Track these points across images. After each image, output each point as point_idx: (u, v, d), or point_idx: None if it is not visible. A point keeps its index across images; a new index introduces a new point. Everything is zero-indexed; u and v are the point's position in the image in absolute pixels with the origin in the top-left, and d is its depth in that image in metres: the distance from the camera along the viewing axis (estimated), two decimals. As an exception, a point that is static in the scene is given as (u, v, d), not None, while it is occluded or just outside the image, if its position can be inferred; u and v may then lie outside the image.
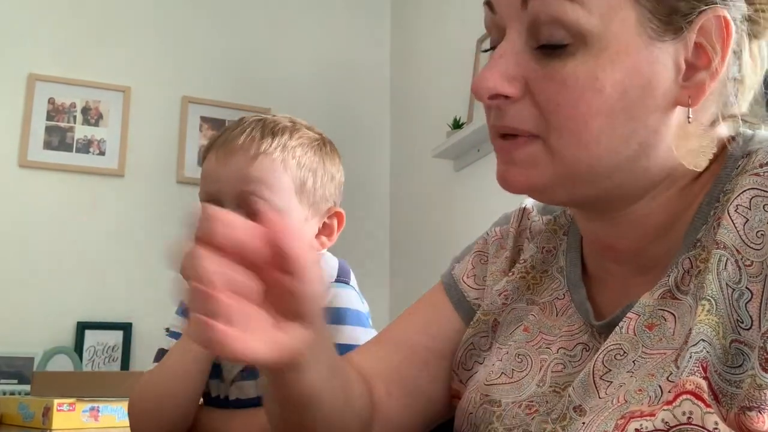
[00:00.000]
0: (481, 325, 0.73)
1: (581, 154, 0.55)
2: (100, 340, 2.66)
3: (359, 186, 3.17)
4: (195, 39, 3.00)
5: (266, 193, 0.93)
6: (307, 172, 0.96)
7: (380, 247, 3.15)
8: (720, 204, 0.56)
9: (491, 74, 0.56)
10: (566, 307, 0.67)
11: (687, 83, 0.55)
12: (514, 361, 0.67)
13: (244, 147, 0.93)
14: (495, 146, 0.61)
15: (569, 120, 0.55)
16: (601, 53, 0.53)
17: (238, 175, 0.92)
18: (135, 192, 2.78)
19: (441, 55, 2.87)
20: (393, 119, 3.28)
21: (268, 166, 0.93)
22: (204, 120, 2.96)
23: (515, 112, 0.57)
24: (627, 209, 0.59)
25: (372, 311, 0.99)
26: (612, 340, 0.57)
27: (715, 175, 0.58)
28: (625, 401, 0.51)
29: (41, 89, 2.75)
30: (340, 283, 0.95)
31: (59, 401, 1.45)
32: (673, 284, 0.56)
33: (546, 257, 0.72)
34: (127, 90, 2.86)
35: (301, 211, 0.96)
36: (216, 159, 0.94)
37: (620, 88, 0.53)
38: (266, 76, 3.09)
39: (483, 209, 2.45)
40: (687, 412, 0.46)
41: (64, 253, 2.67)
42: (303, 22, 3.20)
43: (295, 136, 0.97)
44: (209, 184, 0.95)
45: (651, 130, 0.55)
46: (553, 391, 0.61)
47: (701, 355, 0.48)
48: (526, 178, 0.58)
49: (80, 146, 2.78)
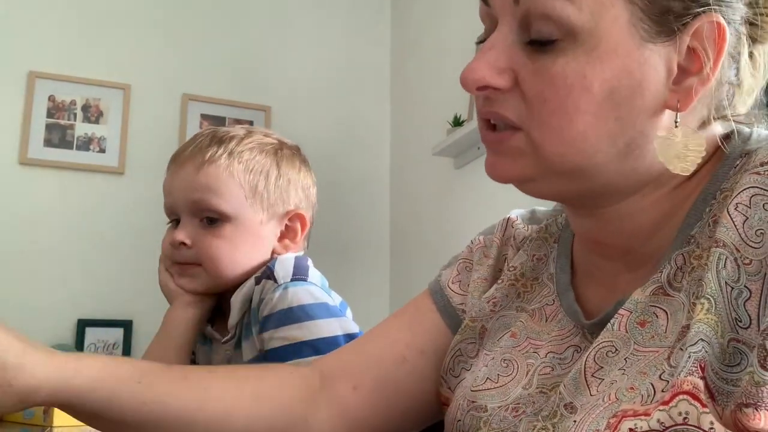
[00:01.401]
0: (469, 332, 0.73)
1: (564, 150, 0.55)
2: (100, 338, 2.66)
3: (359, 183, 3.17)
4: (195, 37, 3.00)
5: (214, 199, 0.94)
6: (257, 176, 0.98)
7: (380, 245, 3.15)
8: (717, 202, 0.56)
9: (480, 65, 0.57)
10: (555, 313, 0.66)
11: (677, 87, 0.55)
12: (500, 366, 0.67)
13: (191, 157, 0.97)
14: (483, 137, 0.61)
15: (554, 116, 0.55)
16: (591, 51, 0.53)
17: (186, 184, 0.96)
18: (135, 189, 2.78)
19: (441, 53, 2.87)
20: (393, 117, 3.28)
21: (213, 172, 0.96)
22: (204, 118, 2.96)
23: (502, 101, 0.58)
24: (616, 206, 0.59)
25: (372, 309, 1.00)
26: (603, 337, 0.57)
27: (711, 173, 0.58)
28: (617, 399, 0.51)
29: (41, 87, 2.75)
30: (297, 281, 0.95)
31: (60, 399, 1.45)
32: (665, 281, 0.56)
33: (536, 265, 0.72)
34: (128, 88, 2.86)
35: (255, 215, 0.98)
36: (170, 172, 0.99)
37: (608, 87, 0.53)
38: (266, 74, 3.09)
39: (483, 207, 2.45)
40: (683, 412, 0.46)
41: (65, 250, 2.67)
42: (303, 20, 3.20)
43: (244, 142, 0.99)
44: (167, 197, 1.00)
45: (638, 131, 0.55)
46: (540, 392, 0.61)
47: (699, 355, 0.48)
48: (510, 167, 0.59)
49: (80, 144, 2.78)
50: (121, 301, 2.70)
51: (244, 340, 0.97)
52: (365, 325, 0.99)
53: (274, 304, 0.92)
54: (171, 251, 0.98)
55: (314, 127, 3.07)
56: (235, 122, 2.96)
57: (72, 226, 2.70)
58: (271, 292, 0.93)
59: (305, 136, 3.03)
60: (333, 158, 3.08)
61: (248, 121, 3.00)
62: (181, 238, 0.95)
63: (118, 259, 2.72)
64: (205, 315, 1.00)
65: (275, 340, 0.90)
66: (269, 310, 0.92)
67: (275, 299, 0.92)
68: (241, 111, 3.00)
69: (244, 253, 0.97)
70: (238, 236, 0.96)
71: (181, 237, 0.95)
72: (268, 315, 0.92)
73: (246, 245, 0.97)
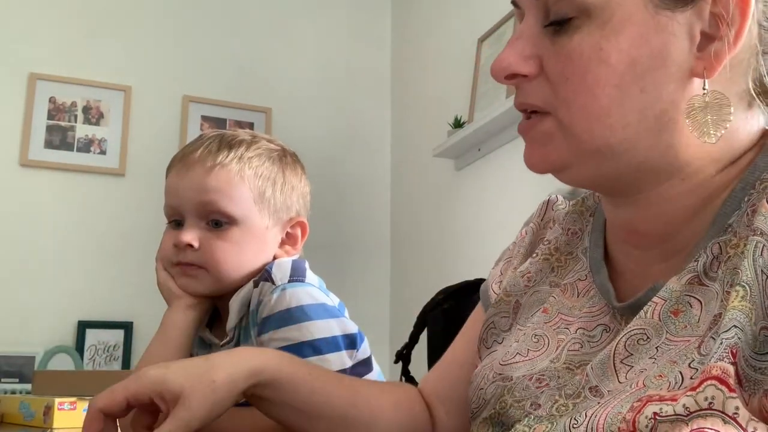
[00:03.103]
0: (503, 305, 0.74)
1: (591, 126, 0.55)
2: (101, 339, 2.66)
3: (360, 185, 3.17)
4: (196, 38, 3.00)
5: (224, 202, 0.95)
6: (265, 182, 0.98)
7: (381, 246, 3.15)
8: (756, 191, 0.55)
9: (506, 55, 0.58)
10: (588, 288, 0.66)
11: (701, 54, 0.54)
12: (531, 342, 0.67)
13: (201, 159, 0.96)
14: (518, 129, 0.62)
15: (577, 93, 0.55)
16: (605, 24, 0.54)
17: (196, 186, 0.96)
18: (136, 191, 2.78)
19: (442, 54, 2.87)
20: (394, 118, 3.28)
21: (224, 176, 0.96)
22: (205, 119, 2.96)
23: (530, 89, 0.58)
24: (655, 190, 0.59)
25: (372, 310, 1.00)
26: (636, 324, 0.56)
27: (752, 161, 0.57)
28: (644, 386, 0.51)
29: (42, 88, 2.75)
30: (295, 282, 0.95)
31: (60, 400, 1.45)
32: (701, 270, 0.55)
33: (571, 239, 0.72)
34: (128, 89, 2.86)
35: (261, 220, 0.98)
36: (176, 173, 0.98)
37: (627, 58, 0.54)
38: (267, 75, 3.09)
39: (484, 208, 2.45)
40: (709, 397, 0.46)
41: (65, 252, 2.67)
42: (304, 21, 3.20)
43: (252, 147, 1.00)
44: (171, 198, 0.99)
45: (668, 101, 0.55)
46: (567, 368, 0.61)
47: (732, 341, 0.47)
48: (542, 155, 0.59)
49: (81, 145, 2.78)
50: (121, 303, 2.70)
51: (243, 343, 0.97)
52: (365, 326, 0.99)
53: (272, 306, 0.92)
54: (173, 252, 0.97)
55: (315, 128, 3.07)
56: (235, 124, 2.97)
57: (72, 227, 2.70)
58: (269, 294, 0.93)
59: (306, 137, 3.04)
60: (333, 160, 3.09)
61: (249, 122, 3.00)
62: (188, 240, 0.95)
63: (119, 260, 2.72)
64: (203, 318, 1.00)
65: (275, 342, 0.90)
66: (268, 311, 0.92)
67: (273, 301, 0.92)
68: (241, 113, 3.00)
69: (248, 257, 0.97)
70: (244, 240, 0.97)
71: (188, 238, 0.95)
72: (266, 317, 0.92)
73: (251, 249, 0.97)
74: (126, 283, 2.70)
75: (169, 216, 1.00)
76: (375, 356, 1.00)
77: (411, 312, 1.75)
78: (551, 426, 0.55)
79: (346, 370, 0.91)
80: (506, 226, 2.24)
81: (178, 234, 0.97)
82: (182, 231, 0.96)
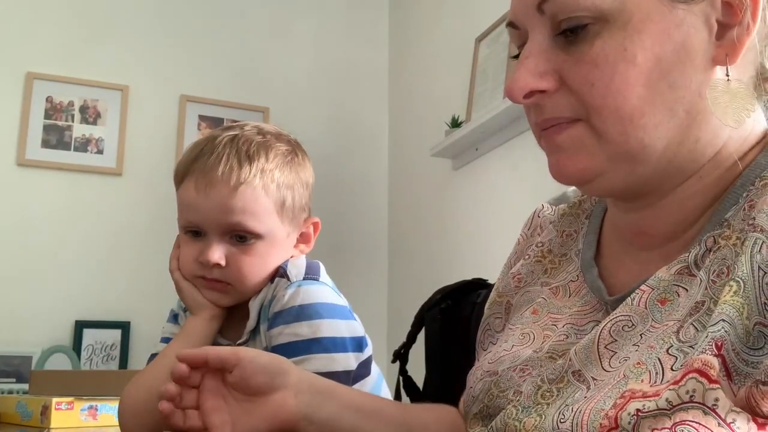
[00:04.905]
0: (496, 307, 0.74)
1: (625, 128, 0.55)
2: (98, 339, 2.66)
3: (357, 184, 3.17)
4: (193, 37, 3.00)
5: (251, 221, 0.94)
6: (285, 191, 0.98)
7: (379, 245, 3.15)
8: (755, 188, 0.55)
9: (521, 75, 0.57)
10: (579, 288, 0.67)
11: (721, 42, 0.55)
12: (518, 339, 0.68)
13: (224, 178, 0.93)
14: (540, 142, 0.61)
15: (606, 97, 0.55)
16: (626, 26, 0.54)
17: (220, 207, 0.93)
18: (133, 191, 2.78)
19: (439, 53, 2.87)
20: (391, 118, 3.28)
21: (250, 195, 0.94)
22: (202, 119, 2.95)
23: (552, 103, 0.58)
24: (676, 190, 0.59)
25: (370, 309, 1.00)
26: (621, 310, 0.57)
27: (754, 159, 0.58)
28: (624, 377, 0.51)
29: (39, 88, 2.75)
30: (309, 280, 0.96)
31: (57, 400, 1.45)
32: (692, 261, 0.55)
33: (566, 241, 0.72)
34: (126, 89, 2.86)
35: (283, 229, 0.98)
36: (196, 189, 0.95)
37: (652, 55, 0.54)
38: (264, 75, 3.09)
39: (481, 208, 2.45)
40: (690, 390, 0.46)
41: (62, 251, 2.67)
42: (302, 21, 3.20)
43: (270, 156, 0.98)
44: (191, 213, 0.96)
45: (695, 93, 0.55)
46: (550, 357, 0.61)
47: (718, 335, 0.47)
48: (575, 163, 0.58)
49: (78, 145, 2.78)
50: (118, 303, 2.69)
51: (254, 338, 0.97)
52: (363, 325, 0.99)
53: (285, 302, 0.92)
54: (196, 266, 0.96)
55: (312, 128, 3.07)
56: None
57: (70, 227, 2.70)
58: (283, 290, 0.94)
59: (303, 137, 3.00)
60: (331, 159, 3.08)
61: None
62: (216, 260, 0.94)
63: (116, 260, 2.72)
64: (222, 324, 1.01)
65: (284, 336, 0.91)
66: (280, 306, 0.93)
67: (287, 297, 0.93)
68: (239, 112, 3.00)
69: (271, 266, 0.98)
70: (267, 252, 0.97)
71: (215, 258, 0.94)
72: (278, 311, 0.93)
73: (274, 259, 0.98)
74: (123, 282, 2.70)
75: (185, 227, 0.98)
76: (373, 355, 1.00)
77: (408, 311, 1.74)
78: (540, 420, 0.55)
79: (351, 372, 0.92)
80: (503, 225, 2.24)
81: (203, 250, 0.95)
82: (208, 249, 0.94)
